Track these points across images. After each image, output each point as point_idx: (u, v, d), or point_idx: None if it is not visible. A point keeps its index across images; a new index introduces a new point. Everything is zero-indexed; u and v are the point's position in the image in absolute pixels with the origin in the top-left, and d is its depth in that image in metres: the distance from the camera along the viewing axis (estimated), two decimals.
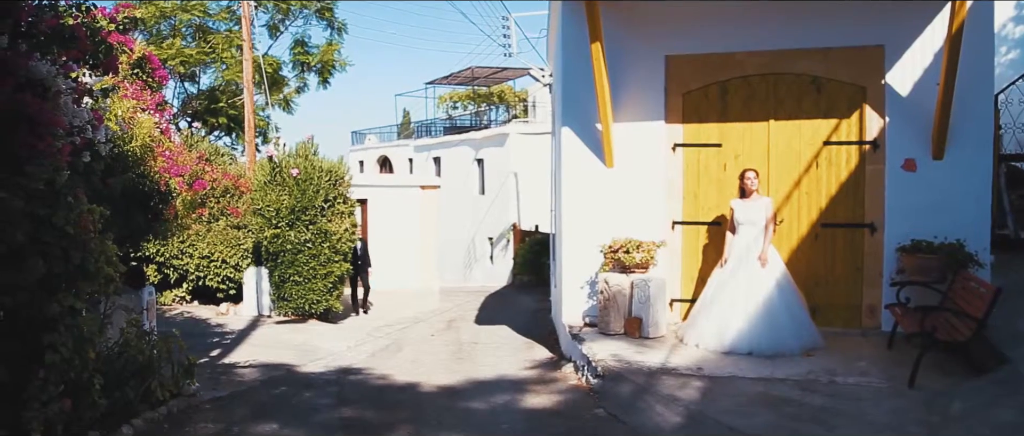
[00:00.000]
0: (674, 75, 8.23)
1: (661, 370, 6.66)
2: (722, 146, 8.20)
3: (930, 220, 7.54)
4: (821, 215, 8.02)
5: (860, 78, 7.86)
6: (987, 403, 5.48)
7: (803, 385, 6.20)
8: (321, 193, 12.31)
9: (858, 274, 7.96)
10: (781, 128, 8.06)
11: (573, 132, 8.40)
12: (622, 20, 8.13)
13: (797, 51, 7.98)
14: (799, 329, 7.23)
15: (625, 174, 8.27)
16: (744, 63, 8.10)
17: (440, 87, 37.98)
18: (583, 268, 8.38)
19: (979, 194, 7.61)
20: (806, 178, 8.03)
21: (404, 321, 12.86)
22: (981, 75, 7.53)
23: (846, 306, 8.00)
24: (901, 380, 6.13)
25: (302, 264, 12.02)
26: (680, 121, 8.27)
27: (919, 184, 7.71)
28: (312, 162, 12.50)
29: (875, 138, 7.83)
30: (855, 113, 7.91)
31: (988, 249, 7.59)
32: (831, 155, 7.98)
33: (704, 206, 8.29)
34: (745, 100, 8.14)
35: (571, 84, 8.38)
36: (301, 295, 12.10)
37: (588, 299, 8.40)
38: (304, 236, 12.04)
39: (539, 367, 8.06)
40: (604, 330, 7.91)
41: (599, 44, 7.62)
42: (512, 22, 22.11)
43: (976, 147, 7.61)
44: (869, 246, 7.91)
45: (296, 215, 12.09)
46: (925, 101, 7.59)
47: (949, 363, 6.45)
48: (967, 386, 5.94)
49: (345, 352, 9.76)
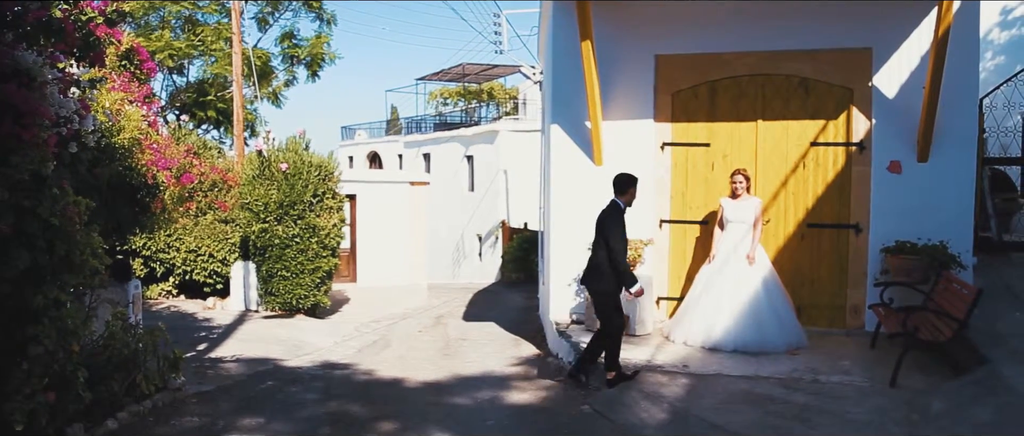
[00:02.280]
0: (664, 74, 8.27)
1: (646, 367, 6.69)
2: (710, 145, 8.24)
3: (914, 221, 7.61)
4: (807, 215, 8.08)
5: (848, 80, 7.91)
6: (966, 403, 5.55)
7: (787, 383, 6.26)
8: (310, 188, 12.27)
9: (843, 274, 8.02)
10: (769, 128, 8.11)
11: (562, 130, 8.42)
12: (612, 19, 8.15)
13: (786, 52, 8.03)
14: (784, 328, 7.30)
15: (614, 172, 8.26)
16: (733, 63, 8.14)
17: (430, 83, 37.98)
18: (570, 265, 8.40)
19: (962, 197, 7.68)
20: (793, 178, 8.09)
21: (392, 317, 12.84)
22: (966, 79, 7.59)
23: (831, 306, 8.06)
24: (883, 379, 6.20)
25: (290, 259, 11.99)
26: (669, 120, 8.30)
27: (904, 186, 7.78)
28: (302, 157, 12.45)
29: (861, 140, 7.89)
30: (842, 115, 7.96)
31: (971, 251, 7.67)
32: (818, 156, 8.04)
33: (692, 205, 8.33)
34: (734, 100, 8.18)
35: (561, 82, 8.40)
36: (289, 290, 12.06)
37: (575, 296, 8.43)
38: (292, 231, 12.00)
39: (525, 363, 8.09)
40: (590, 327, 7.93)
41: (589, 42, 7.65)
42: (503, 20, 22.13)
43: (960, 150, 7.68)
44: (854, 247, 7.97)
45: (284, 210, 12.05)
46: (911, 104, 7.65)
47: (930, 363, 6.52)
48: (947, 386, 6.01)
49: (332, 347, 9.75)
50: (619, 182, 6.72)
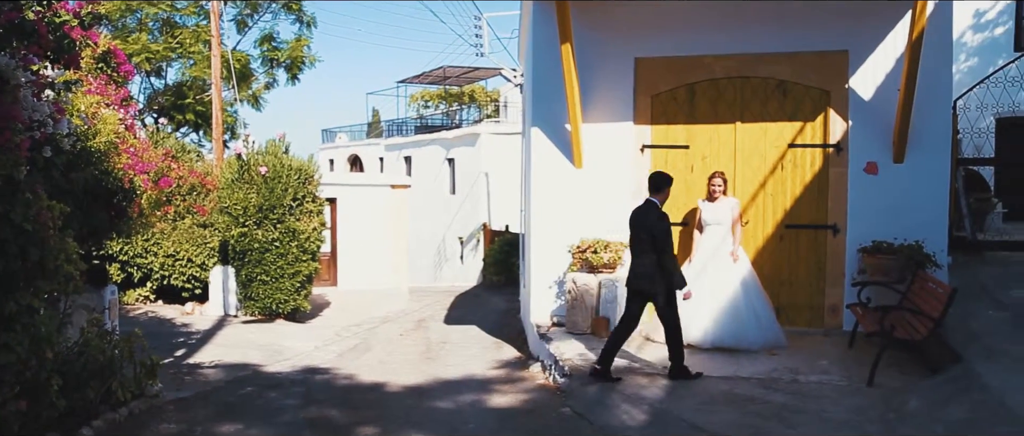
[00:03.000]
0: (643, 77, 8.30)
1: (627, 369, 6.72)
2: (690, 148, 8.29)
3: (891, 222, 7.69)
4: (785, 216, 8.14)
5: (825, 82, 7.99)
6: (942, 401, 5.61)
7: (766, 383, 6.31)
8: (290, 192, 12.20)
9: (821, 274, 8.09)
10: (748, 130, 8.17)
11: (542, 132, 8.43)
12: (592, 22, 8.18)
13: (764, 55, 8.09)
14: (762, 327, 7.36)
15: (594, 175, 8.32)
16: (712, 66, 8.20)
17: (411, 86, 37.87)
18: (551, 268, 8.42)
19: (937, 197, 7.77)
20: (771, 180, 8.15)
21: (373, 321, 12.79)
22: (940, 81, 7.70)
23: (809, 306, 8.12)
24: (861, 378, 6.26)
25: (270, 263, 11.91)
26: (649, 122, 8.34)
27: (880, 186, 7.86)
28: (281, 160, 12.37)
29: (838, 141, 7.96)
30: (819, 116, 8.04)
31: (946, 250, 7.76)
32: (796, 157, 8.11)
33: (672, 207, 8.33)
34: (713, 103, 8.23)
35: (541, 85, 8.41)
36: (268, 294, 11.98)
37: (556, 299, 8.44)
38: (272, 235, 11.92)
39: (507, 366, 8.09)
40: (572, 329, 7.95)
41: (569, 45, 7.67)
42: (484, 22, 22.11)
43: (935, 151, 7.77)
44: (832, 247, 8.04)
45: (264, 214, 11.96)
46: (887, 106, 7.74)
47: (907, 362, 6.60)
48: (923, 384, 6.08)
49: (312, 352, 9.69)
50: (655, 180, 6.64)
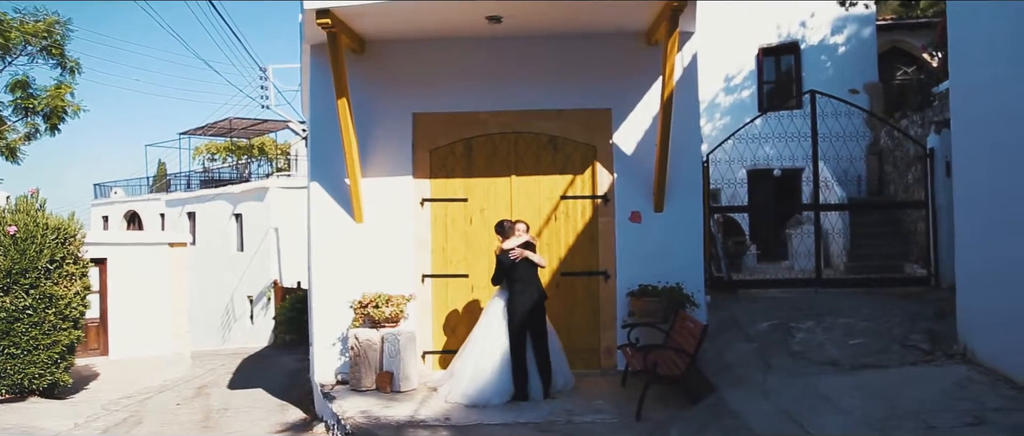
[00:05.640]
0: (421, 132, 8.46)
1: (409, 423, 6.68)
2: (468, 200, 8.51)
3: (654, 266, 8.26)
4: (561, 264, 8.55)
5: (591, 138, 8.55)
6: (698, 429, 6.10)
7: (543, 427, 6.52)
8: (46, 253, 11.03)
9: (596, 318, 8.53)
10: (523, 183, 8.54)
11: (322, 187, 8.31)
12: (370, 77, 8.25)
13: (536, 112, 8.52)
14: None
15: (375, 229, 8.30)
16: (488, 122, 8.52)
17: (195, 138, 35.83)
18: (335, 324, 8.23)
19: (693, 242, 8.47)
20: (547, 230, 8.55)
21: (148, 390, 11.79)
22: (690, 137, 8.49)
23: (587, 349, 8.51)
24: (630, 414, 6.65)
25: (20, 334, 10.63)
26: (428, 176, 8.49)
27: (644, 234, 8.44)
28: (36, 218, 11.20)
29: (606, 192, 8.52)
30: (588, 169, 8.57)
31: (703, 290, 8.47)
32: (568, 208, 8.57)
33: (452, 259, 8.52)
34: (489, 157, 8.54)
35: (320, 138, 8.32)
36: (19, 369, 10.67)
37: (340, 356, 8.25)
38: (23, 302, 10.68)
39: (290, 429, 7.77)
40: (356, 386, 7.79)
41: (346, 100, 7.65)
42: (270, 73, 21.55)
43: (690, 200, 8.49)
44: (604, 292, 8.52)
45: (13, 278, 10.70)
46: (646, 159, 8.38)
47: (671, 395, 7.11)
48: (684, 414, 6.58)
49: (71, 431, 8.74)
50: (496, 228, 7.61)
